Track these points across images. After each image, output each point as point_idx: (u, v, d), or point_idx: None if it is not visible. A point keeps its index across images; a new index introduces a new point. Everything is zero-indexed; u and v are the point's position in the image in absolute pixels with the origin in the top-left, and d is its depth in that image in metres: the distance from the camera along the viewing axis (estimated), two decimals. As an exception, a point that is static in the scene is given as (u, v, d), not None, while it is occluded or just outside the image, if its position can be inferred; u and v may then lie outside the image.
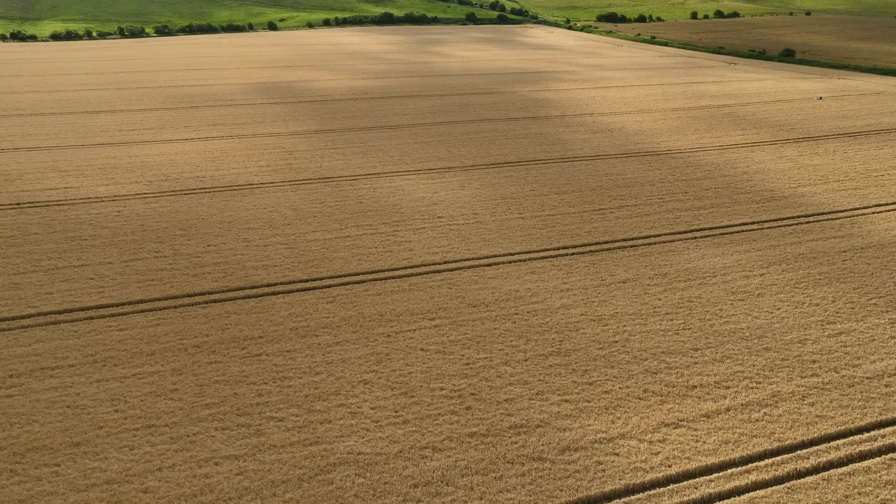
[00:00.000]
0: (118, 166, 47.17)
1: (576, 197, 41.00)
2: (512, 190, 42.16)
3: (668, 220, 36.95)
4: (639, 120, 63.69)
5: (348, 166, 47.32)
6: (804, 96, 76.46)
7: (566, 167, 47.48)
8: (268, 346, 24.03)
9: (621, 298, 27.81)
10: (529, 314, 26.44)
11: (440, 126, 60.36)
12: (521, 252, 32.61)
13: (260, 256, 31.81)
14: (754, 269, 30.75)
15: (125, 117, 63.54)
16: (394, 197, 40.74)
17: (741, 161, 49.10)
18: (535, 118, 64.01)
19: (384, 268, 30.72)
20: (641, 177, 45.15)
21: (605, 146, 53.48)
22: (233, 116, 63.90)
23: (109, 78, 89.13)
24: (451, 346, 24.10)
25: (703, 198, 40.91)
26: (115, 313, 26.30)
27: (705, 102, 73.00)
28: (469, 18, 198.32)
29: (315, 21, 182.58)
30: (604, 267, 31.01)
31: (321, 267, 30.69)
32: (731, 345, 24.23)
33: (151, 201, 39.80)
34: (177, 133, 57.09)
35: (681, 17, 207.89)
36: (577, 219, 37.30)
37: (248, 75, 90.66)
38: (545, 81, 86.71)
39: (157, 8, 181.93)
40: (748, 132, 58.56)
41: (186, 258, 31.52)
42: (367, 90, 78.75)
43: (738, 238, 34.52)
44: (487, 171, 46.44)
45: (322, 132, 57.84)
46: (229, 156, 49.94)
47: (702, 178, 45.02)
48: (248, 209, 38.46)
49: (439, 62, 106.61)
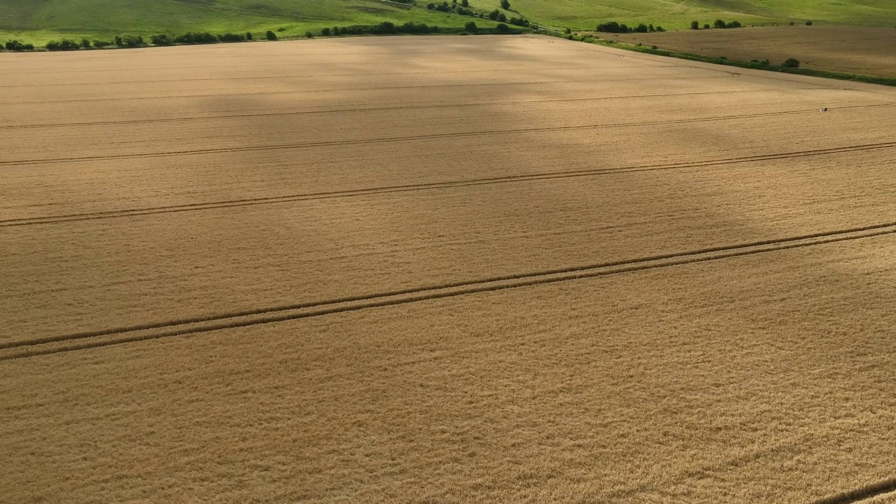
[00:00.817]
0: (106, 181, 45.47)
1: (582, 213, 39.29)
2: (515, 206, 40.45)
3: (679, 240, 35.22)
4: (644, 132, 62.14)
5: (344, 180, 45.64)
6: (811, 108, 74.99)
7: (571, 182, 45.80)
8: (255, 382, 22.22)
9: (634, 326, 26.03)
10: (537, 344, 24.64)
11: (436, 139, 58.76)
12: (526, 274, 30.86)
13: (250, 279, 30.04)
14: (774, 293, 28.98)
15: (117, 129, 61.94)
16: (392, 214, 39.02)
17: (752, 176, 47.44)
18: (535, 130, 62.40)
19: (381, 292, 28.94)
20: (649, 193, 43.46)
21: (610, 160, 51.86)
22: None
23: (104, 88, 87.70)
24: (453, 382, 22.28)
25: (714, 215, 39.21)
26: (92, 343, 24.51)
27: (711, 114, 71.48)
28: (469, 28, 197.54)
29: (314, 31, 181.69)
30: (614, 291, 29.24)
31: (314, 291, 28.91)
32: (756, 379, 22.43)
33: (139, 219, 38.07)
34: (170, 146, 55.47)
35: (681, 28, 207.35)
36: (584, 237, 35.58)
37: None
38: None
39: (155, 18, 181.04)
40: (757, 145, 56.95)
41: (172, 281, 29.74)
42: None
43: (755, 259, 32.77)
44: (481, 187, 44.78)
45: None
46: (223, 170, 48.27)
47: (712, 193, 43.34)
48: (239, 227, 36.73)
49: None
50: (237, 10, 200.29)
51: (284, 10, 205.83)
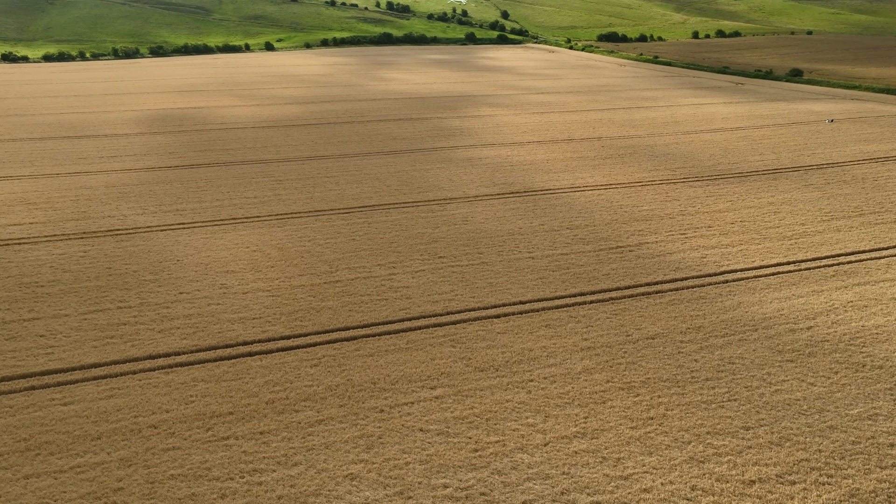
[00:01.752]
0: (92, 197, 43.61)
1: (590, 232, 37.37)
2: (520, 224, 38.55)
3: (694, 260, 33.28)
4: (649, 144, 60.38)
5: (344, 196, 43.75)
6: (819, 118, 73.34)
7: (577, 196, 43.93)
8: (238, 426, 20.19)
9: (652, 360, 24.04)
10: (547, 381, 22.64)
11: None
12: (532, 300, 28.89)
13: (238, 306, 28.06)
14: (799, 320, 27.01)
15: (109, 142, 60.19)
16: (391, 233, 37.12)
17: (764, 191, 45.58)
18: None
19: (378, 320, 26.97)
20: (659, 209, 41.58)
21: (617, 175, 50.02)
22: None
23: (98, 101, 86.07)
24: (456, 426, 20.27)
25: (728, 233, 37.29)
26: (62, 381, 22.50)
27: (717, 125, 69.79)
28: (469, 38, 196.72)
29: (313, 42, 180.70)
30: (628, 318, 27.26)
31: (306, 320, 26.93)
32: (788, 422, 20.41)
33: (123, 239, 36.15)
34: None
35: (682, 37, 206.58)
36: (592, 258, 33.63)
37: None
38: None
39: (153, 29, 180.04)
40: (767, 158, 55.15)
41: (154, 309, 27.76)
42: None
43: (775, 282, 30.81)
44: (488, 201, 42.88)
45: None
46: (214, 186, 46.42)
47: (724, 210, 41.45)
48: (229, 248, 34.79)
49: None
50: (235, 21, 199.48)
51: (283, 20, 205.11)
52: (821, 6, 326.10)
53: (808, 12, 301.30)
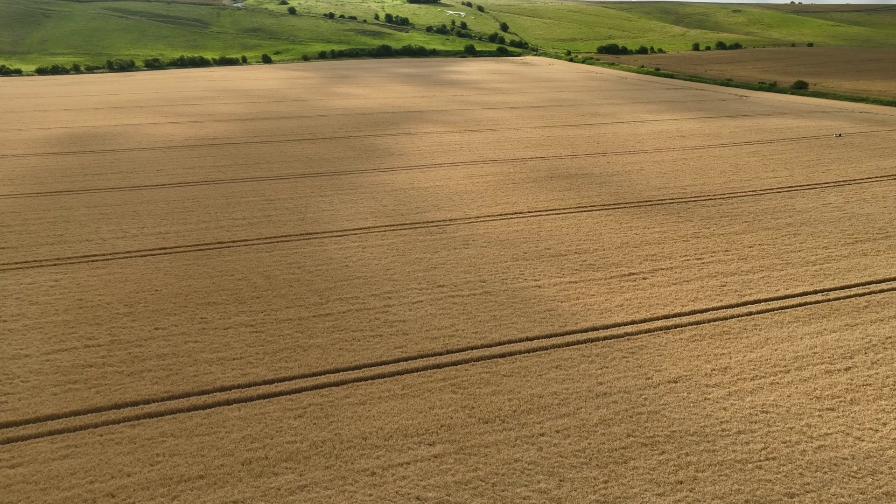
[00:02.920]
0: (71, 219, 41.19)
1: (599, 257, 34.95)
2: (524, 249, 36.13)
3: (713, 289, 30.83)
4: (656, 160, 58.14)
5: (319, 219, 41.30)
6: (830, 133, 71.23)
7: (583, 217, 41.58)
8: (208, 494, 17.63)
9: (676, 408, 21.53)
10: (560, 435, 20.11)
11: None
12: (540, 336, 26.41)
13: (217, 345, 25.55)
14: (835, 359, 24.54)
15: (94, 158, 57.89)
16: (386, 259, 34.68)
17: (781, 210, 43.22)
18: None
19: (371, 361, 24.46)
20: (672, 231, 39.19)
21: (624, 192, 47.70)
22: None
23: (90, 115, 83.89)
24: (459, 492, 17.72)
25: (748, 258, 34.88)
26: (13, 437, 19.95)
27: (725, 140, 67.62)
28: (468, 51, 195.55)
29: (311, 54, 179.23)
30: (646, 357, 24.77)
31: (292, 360, 24.42)
32: (838, 487, 17.89)
33: (100, 266, 33.70)
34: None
35: (682, 50, 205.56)
36: (604, 287, 31.18)
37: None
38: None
39: (149, 41, 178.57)
40: (780, 174, 52.90)
41: (125, 348, 25.25)
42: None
43: (803, 314, 28.36)
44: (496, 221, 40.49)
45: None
46: (202, 206, 43.99)
47: (741, 231, 39.08)
48: (211, 276, 32.32)
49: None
50: (233, 34, 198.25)
51: (281, 33, 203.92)
52: (819, 19, 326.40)
53: (807, 25, 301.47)
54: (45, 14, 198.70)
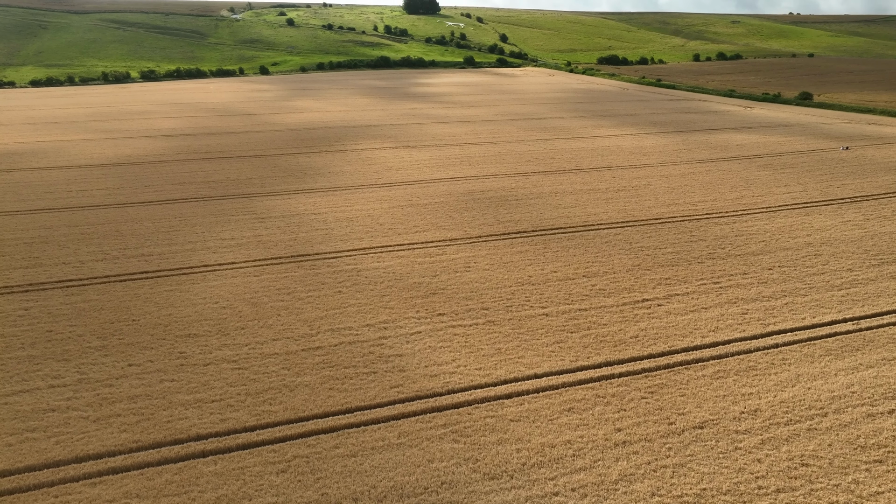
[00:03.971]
0: (49, 240, 38.98)
1: (610, 281, 32.73)
2: (529, 272, 33.92)
3: (734, 317, 28.59)
4: (663, 174, 56.10)
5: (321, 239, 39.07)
6: (840, 144, 69.27)
7: (590, 237, 39.40)
8: (173, 572, 15.30)
9: (703, 459, 19.22)
10: (576, 494, 17.80)
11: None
12: (550, 372, 24.13)
13: (195, 384, 23.25)
14: (876, 400, 22.26)
15: (78, 173, 55.77)
16: (383, 283, 32.45)
17: (798, 228, 41.08)
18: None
19: (364, 403, 22.16)
20: (685, 251, 37.01)
21: (633, 210, 45.57)
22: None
23: (81, 128, 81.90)
24: (462, 569, 15.39)
25: (768, 281, 32.67)
26: (-43, 498, 17.62)
27: (733, 153, 65.63)
28: (467, 62, 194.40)
29: (308, 65, 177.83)
30: (667, 398, 22.49)
31: (276, 403, 22.12)
32: (897, 560, 15.56)
33: (76, 291, 31.44)
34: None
35: (682, 60, 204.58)
36: (616, 315, 28.94)
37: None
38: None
39: (146, 52, 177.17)
40: (793, 189, 50.82)
41: (93, 388, 22.94)
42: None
43: (835, 346, 26.11)
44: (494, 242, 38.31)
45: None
46: (188, 225, 41.83)
47: (758, 252, 36.91)
48: (195, 303, 30.05)
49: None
50: (231, 45, 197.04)
51: (279, 44, 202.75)
52: (818, 30, 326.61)
53: (805, 36, 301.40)
54: (41, 26, 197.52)
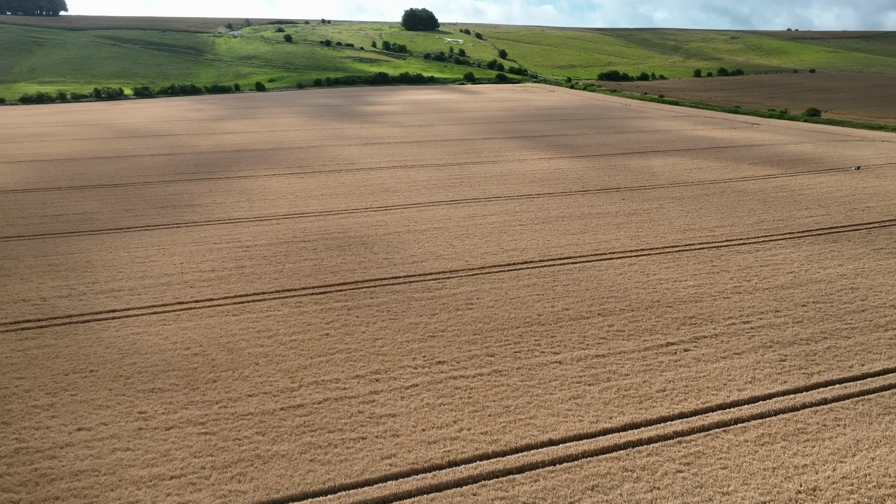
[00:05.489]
0: (13, 272, 35.68)
1: (628, 320, 29.42)
2: (538, 309, 30.62)
3: (772, 365, 25.27)
4: (675, 195, 52.98)
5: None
6: (856, 163, 66.34)
7: (603, 267, 36.15)
8: None
9: (761, 559, 15.80)
10: None
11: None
12: (568, 437, 20.76)
13: (153, 454, 19.83)
14: (953, 475, 18.87)
15: (56, 196, 52.65)
16: (377, 323, 29.12)
17: (828, 258, 37.86)
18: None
19: (350, 481, 18.76)
20: (707, 284, 33.76)
21: (645, 235, 42.37)
22: None
23: (67, 146, 78.91)
24: None
25: (803, 320, 29.39)
26: None
27: (746, 172, 62.62)
28: (467, 78, 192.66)
29: (305, 82, 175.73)
30: (706, 471, 19.09)
31: (246, 480, 18.71)
32: None
33: (30, 336, 28.06)
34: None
35: (683, 76, 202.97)
36: (639, 363, 25.60)
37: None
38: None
39: (141, 69, 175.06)
40: (816, 212, 47.69)
41: (32, 460, 19.51)
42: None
43: (893, 403, 22.75)
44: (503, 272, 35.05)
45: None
46: (174, 256, 38.57)
47: (788, 285, 33.68)
48: (163, 349, 26.68)
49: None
50: (228, 61, 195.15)
51: (276, 60, 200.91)
52: (817, 45, 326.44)
53: (805, 52, 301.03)
54: (36, 42, 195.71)
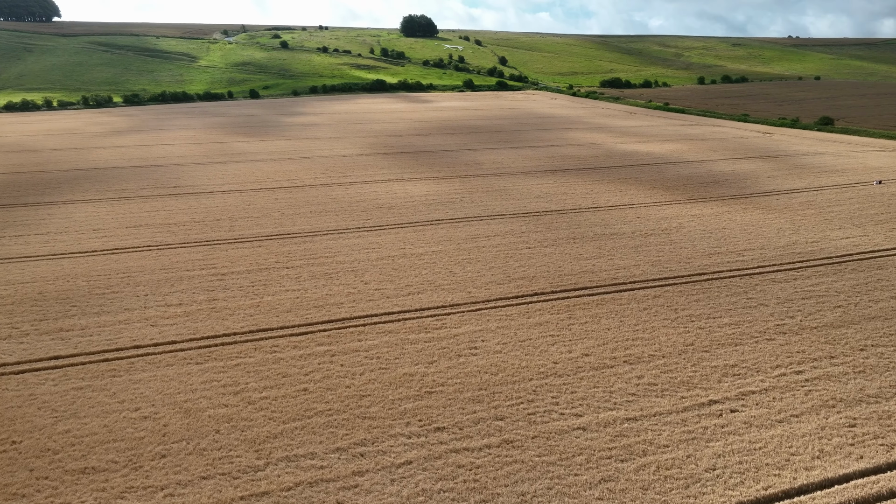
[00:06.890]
0: (-50, 307, 31.21)
1: (660, 370, 25.02)
2: (555, 356, 26.21)
3: (840, 432, 20.90)
4: (694, 213, 48.71)
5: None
6: (881, 176, 62.20)
7: (611, 305, 31.74)
8: None
9: None
10: None
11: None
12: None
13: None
14: None
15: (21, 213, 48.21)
16: (365, 374, 24.71)
17: (876, 286, 33.55)
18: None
19: None
20: (746, 323, 29.39)
21: (668, 261, 38.02)
22: None
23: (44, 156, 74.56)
24: None
25: (866, 370, 25.05)
26: None
27: (766, 186, 58.40)
28: (467, 85, 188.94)
29: (301, 89, 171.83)
30: None
31: None
32: None
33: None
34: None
35: (687, 83, 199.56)
36: (679, 428, 21.21)
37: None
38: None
39: (132, 76, 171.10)
40: (851, 233, 43.44)
41: None
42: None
43: None
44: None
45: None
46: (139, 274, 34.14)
47: (838, 322, 29.32)
48: (105, 414, 22.24)
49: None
50: (222, 68, 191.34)
51: (271, 67, 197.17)
52: (819, 52, 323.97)
53: (808, 59, 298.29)
54: (27, 49, 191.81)
